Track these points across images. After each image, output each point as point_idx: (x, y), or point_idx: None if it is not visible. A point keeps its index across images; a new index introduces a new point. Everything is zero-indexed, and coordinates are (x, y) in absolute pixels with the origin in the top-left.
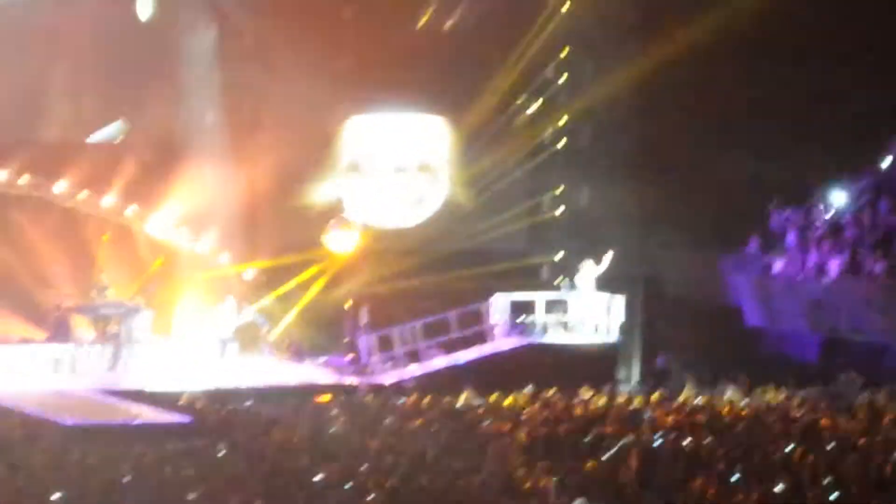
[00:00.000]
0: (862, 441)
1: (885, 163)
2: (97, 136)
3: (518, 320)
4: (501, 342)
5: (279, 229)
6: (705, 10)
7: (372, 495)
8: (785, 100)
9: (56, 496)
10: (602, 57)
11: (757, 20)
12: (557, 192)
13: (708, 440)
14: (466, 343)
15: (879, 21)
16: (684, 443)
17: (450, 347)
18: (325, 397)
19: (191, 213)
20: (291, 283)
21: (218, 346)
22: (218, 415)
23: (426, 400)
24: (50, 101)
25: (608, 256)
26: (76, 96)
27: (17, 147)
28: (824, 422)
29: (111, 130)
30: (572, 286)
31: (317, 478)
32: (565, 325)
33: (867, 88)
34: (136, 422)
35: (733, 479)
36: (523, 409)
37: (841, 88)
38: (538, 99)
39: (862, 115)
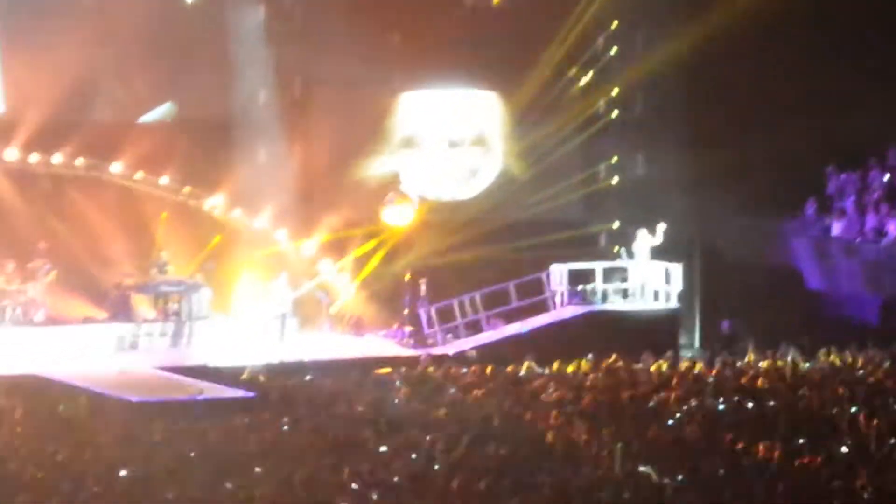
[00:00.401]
0: None
1: None
2: (148, 118)
3: (577, 289)
4: (561, 311)
5: (336, 205)
6: None
7: (437, 465)
8: (838, 64)
9: (123, 472)
10: (652, 28)
11: None
12: (612, 161)
13: (771, 404)
14: (527, 313)
15: None
16: (748, 407)
17: (510, 317)
18: (387, 370)
19: (247, 190)
20: (350, 258)
21: (277, 322)
22: (281, 389)
23: (489, 369)
24: (100, 83)
25: (661, 228)
26: (126, 78)
27: (71, 129)
28: (888, 382)
29: (161, 112)
30: (630, 254)
31: (381, 449)
32: (625, 293)
33: None
34: (200, 397)
35: (798, 442)
36: (586, 376)
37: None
38: (589, 71)
39: None
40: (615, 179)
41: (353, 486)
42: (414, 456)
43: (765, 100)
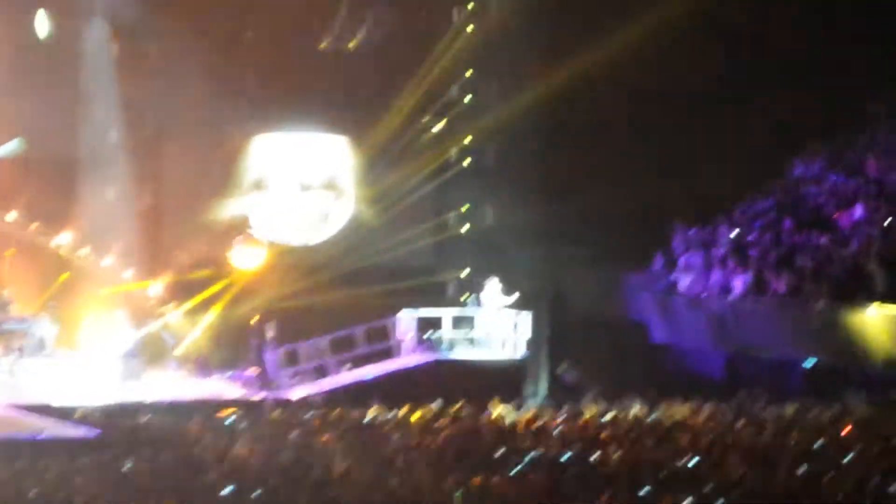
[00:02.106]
0: (769, 454)
1: (787, 182)
2: None
3: (425, 336)
4: (408, 358)
5: (185, 245)
6: (607, 30)
7: None
8: (688, 118)
9: None
10: (506, 77)
11: (657, 43)
12: (463, 209)
13: (615, 454)
14: (374, 358)
15: (783, 38)
16: (592, 457)
17: (357, 363)
18: (231, 411)
19: (96, 229)
20: (197, 299)
21: (121, 361)
22: (124, 429)
23: (334, 413)
24: None
25: (512, 296)
26: None
27: None
28: (730, 436)
29: (10, 147)
30: (478, 303)
31: (224, 492)
32: (472, 341)
33: (771, 106)
34: (42, 436)
35: (641, 492)
36: (432, 423)
37: (745, 107)
38: (443, 118)
39: (765, 134)
40: (465, 227)
41: None
42: (255, 495)
43: (615, 153)
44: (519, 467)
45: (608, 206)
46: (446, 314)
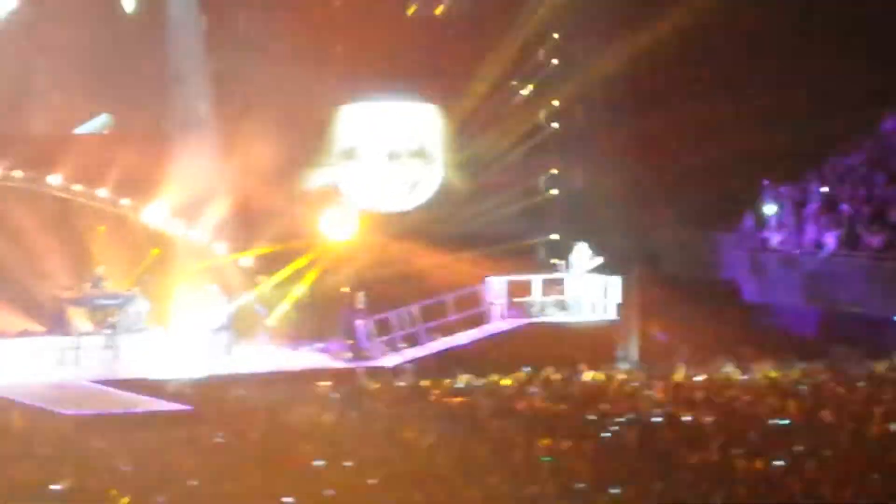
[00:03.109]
0: (862, 413)
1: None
2: (84, 129)
3: (515, 301)
4: (499, 323)
5: (275, 217)
6: None
7: (373, 480)
8: (779, 76)
9: (57, 486)
10: (592, 38)
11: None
12: (552, 173)
13: (708, 416)
14: (464, 325)
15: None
16: (684, 419)
17: (448, 329)
18: (324, 383)
19: (186, 202)
20: (288, 270)
21: (213, 335)
22: (217, 402)
23: (425, 382)
24: (37, 95)
25: (597, 259)
26: (63, 90)
27: (8, 142)
28: (824, 394)
29: (98, 123)
30: (568, 266)
31: (318, 462)
32: (563, 305)
33: (860, 60)
34: (136, 410)
35: (733, 454)
36: (523, 389)
37: (834, 61)
38: (530, 83)
39: (855, 89)
40: (554, 192)
41: (288, 499)
42: (348, 464)
43: (704, 112)
44: (611, 430)
45: (697, 165)
46: (536, 278)
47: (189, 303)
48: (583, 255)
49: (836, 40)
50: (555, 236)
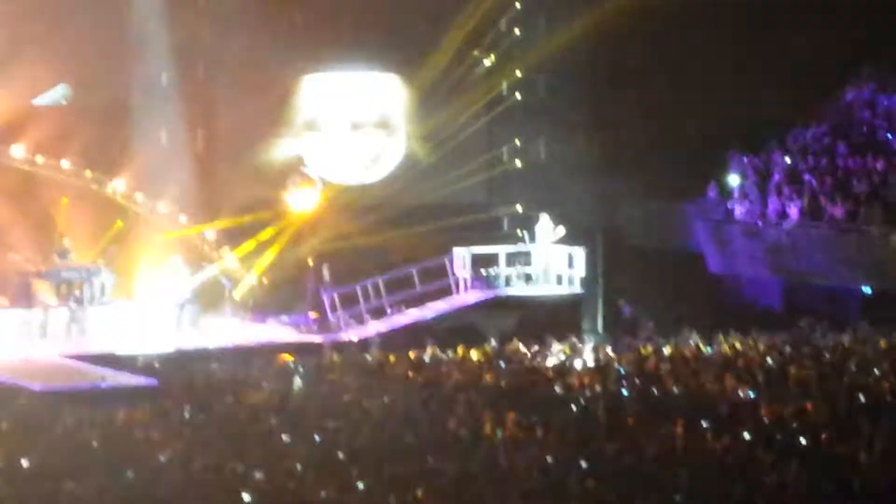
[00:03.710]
0: (827, 385)
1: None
2: (42, 100)
3: (481, 273)
4: (465, 296)
5: (239, 188)
6: None
7: (340, 453)
8: (740, 48)
9: (25, 462)
10: (554, 10)
11: None
12: (516, 144)
13: (674, 388)
14: (430, 297)
15: None
16: (651, 392)
17: (414, 302)
18: (290, 356)
19: (149, 174)
20: (253, 242)
21: (178, 308)
22: (183, 376)
23: (391, 356)
24: None
25: (560, 230)
26: (22, 59)
27: None
28: (789, 368)
29: (56, 93)
30: (533, 238)
31: (284, 437)
32: (528, 277)
33: (819, 31)
34: (104, 385)
35: (701, 426)
36: (489, 362)
37: (794, 32)
38: (492, 53)
39: (817, 59)
40: (518, 163)
41: (257, 474)
42: (317, 440)
43: (667, 83)
44: (580, 404)
45: (660, 136)
46: (501, 250)
47: (154, 275)
48: (547, 226)
49: (798, 12)
50: (518, 208)
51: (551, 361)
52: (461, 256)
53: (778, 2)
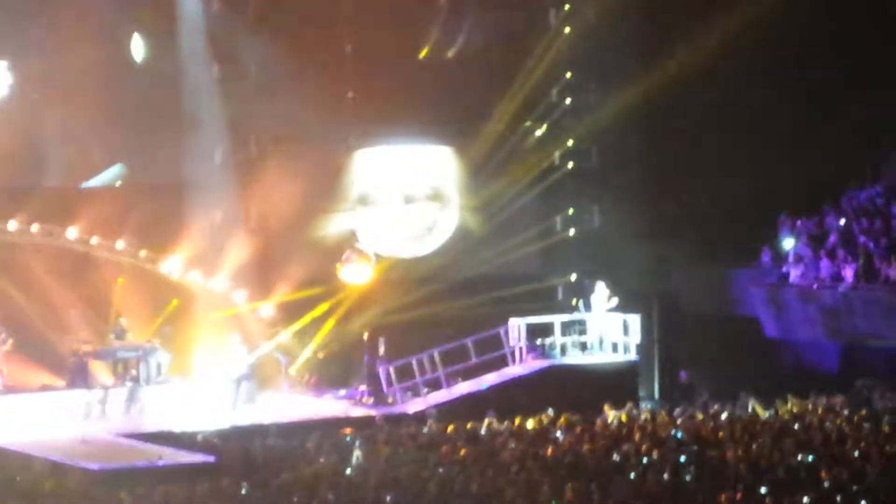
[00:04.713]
0: (888, 448)
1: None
2: (96, 181)
3: (536, 343)
4: (521, 366)
5: (293, 264)
6: (705, 29)
7: None
8: (789, 111)
9: None
10: (605, 77)
11: (755, 37)
12: (569, 213)
13: (733, 453)
14: (486, 368)
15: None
16: (709, 456)
17: (469, 374)
18: (347, 430)
19: (203, 252)
20: (308, 317)
21: (235, 385)
22: (240, 452)
23: (449, 428)
24: (51, 147)
25: (614, 300)
26: (78, 142)
27: (23, 195)
28: (848, 430)
29: (110, 174)
30: (588, 306)
31: None
32: (583, 346)
33: (871, 95)
34: (160, 463)
35: (760, 491)
36: (547, 431)
37: (845, 96)
38: (544, 123)
39: (869, 119)
40: (571, 231)
41: None
42: None
43: (719, 149)
44: (638, 470)
45: (713, 201)
46: (556, 319)
47: (210, 353)
48: (602, 294)
49: (854, 74)
50: (573, 276)
51: (608, 429)
52: (516, 327)
53: (829, 64)
